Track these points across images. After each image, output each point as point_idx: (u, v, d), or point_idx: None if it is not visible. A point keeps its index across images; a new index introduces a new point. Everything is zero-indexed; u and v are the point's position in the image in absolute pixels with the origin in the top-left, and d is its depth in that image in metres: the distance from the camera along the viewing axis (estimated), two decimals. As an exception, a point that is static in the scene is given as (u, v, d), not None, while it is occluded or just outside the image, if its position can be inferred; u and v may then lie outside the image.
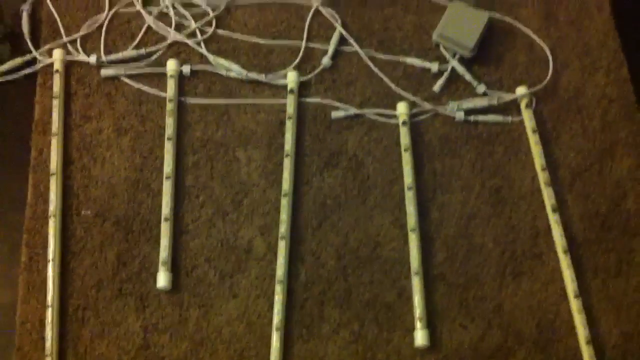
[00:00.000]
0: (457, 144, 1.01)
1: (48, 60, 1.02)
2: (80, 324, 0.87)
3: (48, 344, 0.84)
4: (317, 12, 1.09)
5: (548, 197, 0.95)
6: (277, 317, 0.86)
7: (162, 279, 0.87)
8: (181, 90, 1.02)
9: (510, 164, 0.99)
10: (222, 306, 0.88)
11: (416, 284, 0.89)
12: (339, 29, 1.07)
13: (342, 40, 1.07)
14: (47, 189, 0.93)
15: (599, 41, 1.09)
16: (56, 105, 0.98)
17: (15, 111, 1.01)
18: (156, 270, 0.88)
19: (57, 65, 1.00)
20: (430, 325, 0.88)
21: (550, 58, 1.06)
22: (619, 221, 0.95)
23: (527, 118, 1.02)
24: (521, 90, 1.03)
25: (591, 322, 0.89)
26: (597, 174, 0.98)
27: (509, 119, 1.02)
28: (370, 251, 0.92)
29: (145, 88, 1.01)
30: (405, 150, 0.98)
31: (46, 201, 0.92)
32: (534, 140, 0.99)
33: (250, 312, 0.88)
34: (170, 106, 0.99)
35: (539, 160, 0.98)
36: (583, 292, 0.90)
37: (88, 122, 0.99)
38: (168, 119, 0.98)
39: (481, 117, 1.02)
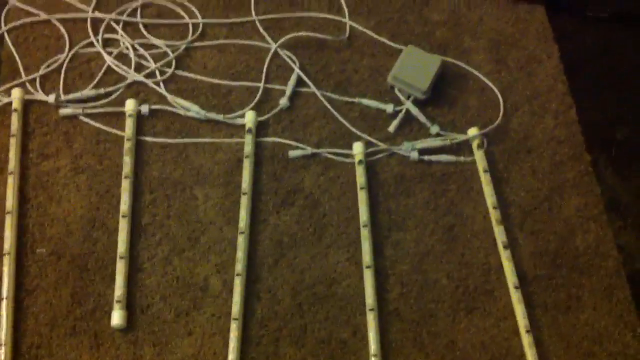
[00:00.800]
0: (412, 182, 1.03)
1: (6, 99, 1.01)
2: (32, 363, 0.85)
3: (-1, 384, 0.82)
4: (276, 54, 1.11)
5: (499, 234, 0.97)
6: (232, 355, 0.87)
7: (117, 317, 0.86)
8: (140, 129, 1.02)
9: (463, 202, 1.02)
10: (178, 344, 0.88)
11: (371, 320, 0.90)
12: (297, 70, 1.09)
13: (300, 82, 1.09)
14: (2, 227, 0.91)
15: (548, 85, 1.13)
16: (13, 143, 0.97)
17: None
18: (111, 309, 0.88)
19: (16, 104, 1.01)
20: (385, 361, 0.88)
21: (500, 100, 1.09)
22: (568, 258, 0.98)
23: (479, 158, 1.04)
24: (473, 131, 1.06)
25: (542, 356, 0.90)
26: (546, 213, 1.01)
27: (462, 159, 1.04)
28: (326, 288, 0.93)
29: (104, 127, 1.02)
30: (361, 188, 0.99)
31: (1, 239, 0.90)
32: (485, 180, 1.02)
33: (206, 349, 0.88)
34: (128, 145, 0.99)
35: (490, 199, 1.00)
36: (534, 327, 0.92)
37: (45, 160, 0.99)
38: (125, 158, 0.98)
39: (435, 157, 1.05)
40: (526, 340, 0.90)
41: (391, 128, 1.07)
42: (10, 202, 0.93)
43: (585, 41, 1.19)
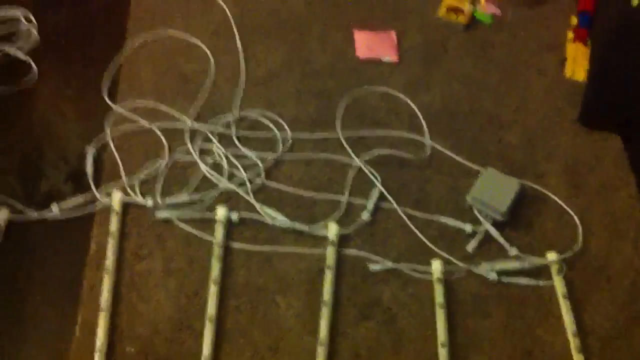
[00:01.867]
0: (490, 303, 1.04)
1: (107, 201, 1.08)
2: None
3: None
4: (358, 170, 1.16)
5: (579, 361, 0.97)
6: None
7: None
8: (228, 235, 1.07)
9: (541, 327, 1.02)
10: None
11: None
12: (379, 186, 1.14)
13: (381, 198, 1.14)
14: (95, 324, 0.96)
15: (626, 213, 1.15)
16: (111, 243, 1.03)
17: (69, 247, 1.07)
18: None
19: (116, 206, 1.07)
20: None
21: (579, 226, 1.11)
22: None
23: (559, 284, 1.05)
24: (552, 256, 1.07)
25: None
26: (626, 343, 1.01)
27: (541, 283, 1.05)
28: (402, 405, 0.94)
29: (196, 232, 1.07)
30: (439, 307, 1.01)
31: (93, 336, 0.95)
32: (565, 306, 1.03)
33: None
34: (217, 250, 1.04)
35: (570, 326, 1.01)
36: None
37: (139, 261, 1.04)
38: (214, 263, 1.03)
39: (513, 279, 1.06)
40: None
41: (469, 248, 1.10)
42: (105, 299, 0.97)
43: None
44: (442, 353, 0.97)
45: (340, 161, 1.18)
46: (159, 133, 1.17)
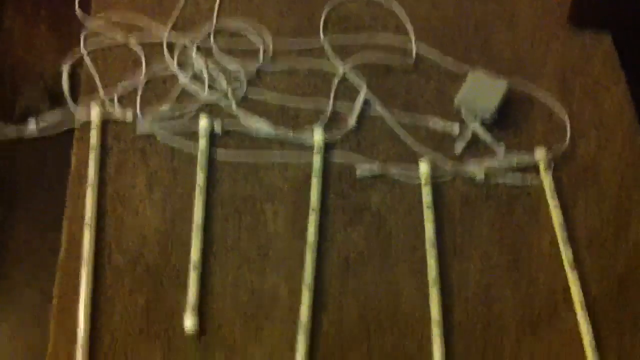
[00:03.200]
0: (478, 203, 1.04)
1: (85, 115, 1.06)
2: (107, 365, 0.89)
3: (79, 382, 0.85)
4: (343, 77, 1.14)
5: (567, 255, 0.97)
6: (300, 363, 0.88)
7: (190, 323, 0.89)
8: (212, 147, 1.06)
9: (530, 224, 1.02)
10: (247, 350, 0.90)
11: (436, 336, 0.91)
12: (364, 92, 1.12)
13: (367, 104, 1.12)
14: (81, 238, 0.95)
15: (615, 112, 1.14)
16: (93, 157, 1.02)
17: (50, 166, 1.05)
18: (183, 315, 0.90)
19: (95, 120, 1.05)
20: (451, 379, 0.89)
21: (567, 125, 1.10)
22: (635, 280, 0.97)
23: (546, 180, 1.05)
24: (540, 152, 1.06)
25: (609, 377, 0.89)
26: (614, 236, 1.01)
27: (528, 180, 1.05)
28: (392, 303, 0.95)
29: (178, 145, 1.05)
30: (427, 207, 1.01)
31: (79, 249, 0.95)
32: (553, 201, 1.02)
33: (274, 357, 0.90)
34: (201, 160, 1.03)
35: (557, 220, 1.00)
36: (600, 348, 0.91)
37: (122, 175, 1.03)
38: (199, 173, 1.02)
39: (501, 179, 1.05)
40: (593, 358, 0.89)
41: (457, 149, 1.09)
42: (89, 213, 0.97)
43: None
44: (431, 251, 0.97)
45: (325, 69, 1.15)
46: (135, 46, 1.14)
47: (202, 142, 1.05)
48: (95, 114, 1.06)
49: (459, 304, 0.95)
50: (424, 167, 1.05)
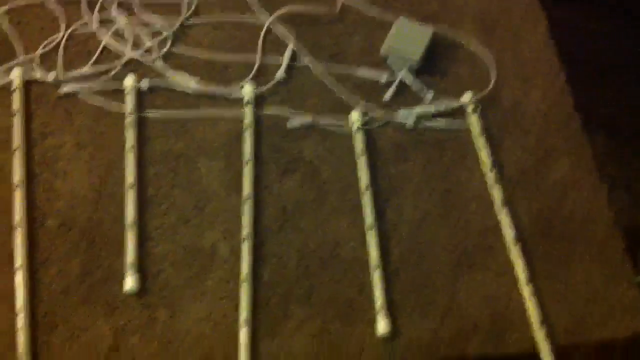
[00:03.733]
0: (409, 149, 1.06)
1: (6, 79, 1.02)
2: (49, 330, 0.87)
3: (20, 349, 0.84)
4: (269, 30, 1.13)
5: (497, 193, 1.00)
6: (242, 316, 0.89)
7: (130, 282, 0.88)
8: (140, 105, 1.04)
9: (459, 167, 1.05)
10: (190, 307, 0.90)
11: (376, 277, 0.93)
12: (291, 43, 1.12)
13: (296, 56, 1.11)
14: (11, 201, 0.93)
15: (537, 51, 1.17)
16: (16, 121, 0.99)
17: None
18: (122, 276, 0.90)
19: (16, 82, 1.02)
20: (390, 316, 0.91)
21: (491, 68, 1.12)
22: (563, 215, 1.01)
23: (474, 123, 1.07)
24: (467, 96, 1.09)
25: (542, 307, 0.93)
26: (540, 173, 1.05)
27: (457, 123, 1.07)
28: (330, 251, 0.96)
29: (104, 104, 1.03)
30: (360, 154, 1.02)
31: (10, 213, 0.92)
32: (481, 143, 1.05)
33: (217, 312, 0.90)
34: (129, 119, 1.01)
35: (486, 160, 1.03)
36: (533, 280, 0.94)
37: (48, 138, 1.00)
38: (127, 132, 1.00)
39: (430, 124, 1.07)
40: (526, 291, 0.93)
41: (386, 96, 1.10)
42: (18, 176, 0.94)
43: (573, 6, 1.22)
44: (365, 197, 0.98)
45: (251, 22, 1.14)
46: (54, 5, 1.11)
47: (129, 100, 1.03)
48: (16, 76, 1.02)
49: (394, 247, 0.97)
50: (354, 116, 1.06)
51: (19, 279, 0.88)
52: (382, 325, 0.90)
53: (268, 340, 0.90)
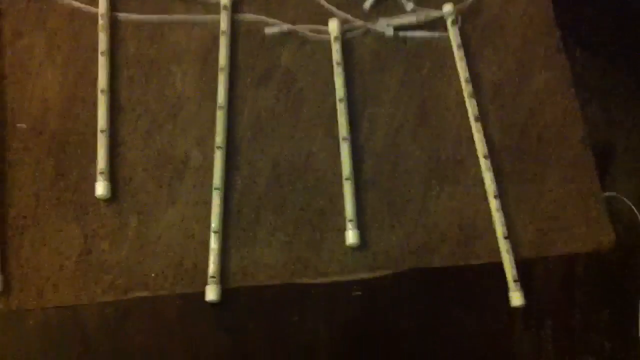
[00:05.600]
0: (387, 59, 1.05)
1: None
2: (20, 233, 0.88)
3: (-12, 251, 0.85)
4: None
5: (471, 107, 1.00)
6: (214, 223, 0.90)
7: (101, 188, 0.89)
8: (113, 6, 1.01)
9: (437, 78, 1.04)
10: (162, 213, 0.91)
11: (347, 188, 0.93)
12: (271, -54, 1.08)
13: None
14: (-20, 103, 0.92)
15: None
16: (-14, 20, 0.96)
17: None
18: (94, 181, 0.90)
19: (-15, -19, 0.99)
20: (360, 227, 0.92)
21: (476, -24, 1.10)
22: (537, 129, 1.01)
23: (453, 35, 1.06)
24: (447, 7, 1.07)
25: (508, 221, 0.95)
26: (517, 87, 1.04)
27: (436, 34, 1.06)
28: (303, 160, 0.96)
29: (76, 4, 1.01)
30: (337, 64, 1.01)
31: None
32: (459, 55, 1.04)
33: (189, 218, 0.91)
34: (102, 22, 0.99)
35: (463, 73, 1.02)
36: (502, 194, 0.96)
37: (20, 39, 0.98)
38: (100, 34, 0.98)
39: (410, 33, 1.06)
40: (494, 204, 0.95)
41: (366, 5, 1.08)
42: (-12, 78, 0.93)
43: None
44: (341, 107, 0.98)
45: None
46: None
47: (102, 2, 1.00)
48: (-16, -27, 0.99)
49: (368, 158, 0.98)
50: (333, 24, 1.04)
51: (-10, 183, 0.88)
52: (350, 236, 0.91)
53: (239, 248, 0.91)
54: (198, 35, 1.02)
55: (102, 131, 0.92)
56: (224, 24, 1.02)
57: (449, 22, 1.07)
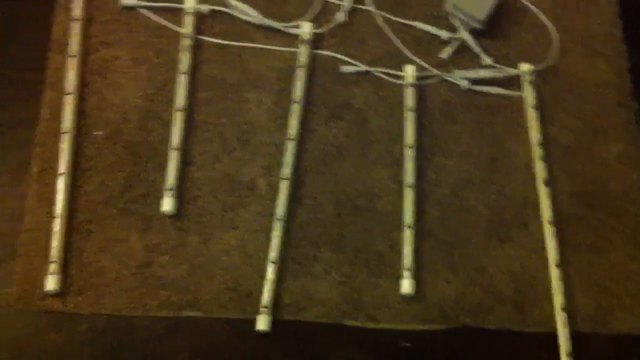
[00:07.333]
0: (459, 110, 1.05)
1: (69, -16, 1.02)
2: (85, 237, 0.89)
3: (54, 251, 0.86)
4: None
5: (540, 170, 0.99)
6: (273, 253, 0.90)
7: (167, 204, 0.90)
8: (198, 28, 1.03)
9: (507, 135, 1.04)
10: (222, 236, 0.92)
11: (407, 236, 0.93)
12: (356, -14, 1.10)
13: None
14: (61, 107, 0.94)
15: (603, 29, 1.14)
16: (76, 27, 0.99)
17: (28, 32, 1.02)
18: (161, 195, 0.91)
19: (79, -12, 1.02)
20: (416, 276, 0.92)
21: (555, 40, 1.10)
22: (604, 201, 1.00)
23: (528, 94, 1.06)
24: (525, 67, 1.07)
25: (568, 291, 0.93)
26: (587, 155, 1.03)
27: (511, 93, 1.05)
28: (366, 201, 0.96)
29: (164, 22, 1.03)
30: (409, 110, 1.01)
31: (59, 119, 0.93)
32: (532, 116, 1.03)
33: (249, 244, 0.92)
34: (186, 42, 1.01)
35: (535, 135, 1.02)
36: (563, 263, 0.94)
37: (105, 48, 1.01)
38: (183, 55, 1.00)
39: (484, 88, 1.06)
40: (554, 273, 0.94)
41: (444, 54, 1.08)
42: (71, 83, 0.95)
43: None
44: (408, 154, 0.98)
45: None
46: None
47: (189, 22, 1.03)
48: (79, -19, 1.02)
49: (431, 207, 0.98)
50: (409, 70, 1.05)
51: (61, 185, 0.90)
52: (406, 285, 0.91)
53: (294, 279, 0.91)
54: (276, 65, 1.03)
55: (174, 148, 0.93)
56: (302, 57, 1.03)
57: (525, 81, 1.06)
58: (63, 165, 0.91)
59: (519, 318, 0.93)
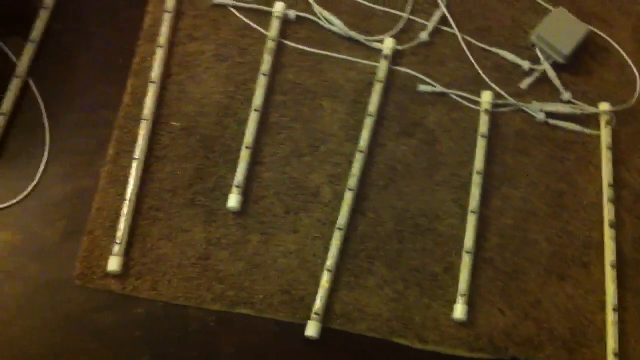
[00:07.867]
0: (532, 143, 1.04)
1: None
2: (150, 223, 0.92)
3: (119, 233, 0.89)
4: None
5: (608, 212, 0.98)
6: (330, 261, 0.91)
7: (234, 200, 0.92)
8: (283, 32, 1.05)
9: (579, 173, 1.02)
10: (283, 239, 0.93)
11: (465, 261, 0.93)
12: (443, 8, 1.10)
13: (443, 21, 1.10)
14: (144, 94, 0.97)
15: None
16: (166, 19, 1.02)
17: (121, 20, 1.06)
18: (229, 191, 0.93)
19: (177, -17, 1.05)
20: (470, 303, 0.91)
21: (638, 82, 1.08)
22: (670, 253, 0.98)
23: (605, 135, 1.04)
24: (604, 106, 1.05)
25: (622, 337, 0.91)
26: (659, 204, 1.01)
27: (588, 131, 1.04)
28: (428, 222, 0.96)
29: (251, 23, 1.05)
30: (482, 137, 1.01)
31: (140, 105, 0.96)
32: (607, 157, 1.02)
33: (307, 250, 0.93)
34: (270, 45, 1.03)
35: (607, 176, 1.00)
36: (621, 308, 0.93)
37: (192, 42, 1.03)
38: (266, 56, 1.02)
39: (561, 123, 1.05)
40: (611, 317, 0.92)
41: (524, 85, 1.08)
42: (156, 73, 0.98)
43: None
44: (476, 180, 0.98)
45: (408, -23, 1.13)
46: None
47: (275, 26, 1.05)
48: (174, -23, 1.05)
49: (492, 236, 0.97)
50: (486, 96, 1.05)
51: (134, 170, 0.93)
52: (459, 311, 0.91)
53: (347, 290, 0.92)
54: (354, 77, 1.04)
55: (247, 147, 0.95)
56: (381, 72, 1.04)
57: (603, 121, 1.05)
58: (139, 150, 0.94)
59: (569, 357, 0.91)
